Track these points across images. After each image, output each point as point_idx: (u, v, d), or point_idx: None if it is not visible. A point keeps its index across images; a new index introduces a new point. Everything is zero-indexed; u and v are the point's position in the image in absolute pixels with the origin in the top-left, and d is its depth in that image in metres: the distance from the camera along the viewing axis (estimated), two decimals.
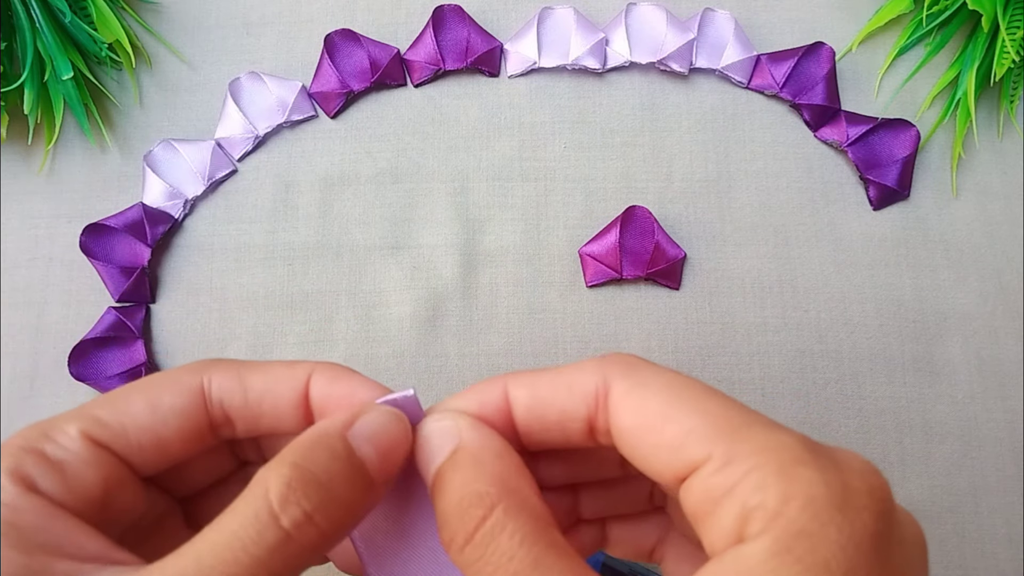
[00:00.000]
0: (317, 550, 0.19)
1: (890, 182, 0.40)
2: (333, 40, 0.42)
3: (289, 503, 0.18)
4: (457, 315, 0.40)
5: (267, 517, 0.18)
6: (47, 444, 0.20)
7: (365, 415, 0.21)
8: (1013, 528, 0.37)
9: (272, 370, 0.22)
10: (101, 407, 0.21)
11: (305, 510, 0.18)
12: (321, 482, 0.19)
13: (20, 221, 0.42)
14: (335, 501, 0.19)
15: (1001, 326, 0.40)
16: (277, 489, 0.18)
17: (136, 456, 0.21)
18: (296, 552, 0.18)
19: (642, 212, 0.40)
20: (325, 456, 0.19)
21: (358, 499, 0.19)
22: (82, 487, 0.20)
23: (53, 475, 0.20)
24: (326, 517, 0.18)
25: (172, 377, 0.22)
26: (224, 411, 0.22)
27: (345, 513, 0.19)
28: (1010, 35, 0.38)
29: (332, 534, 0.19)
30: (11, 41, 0.39)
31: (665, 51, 0.41)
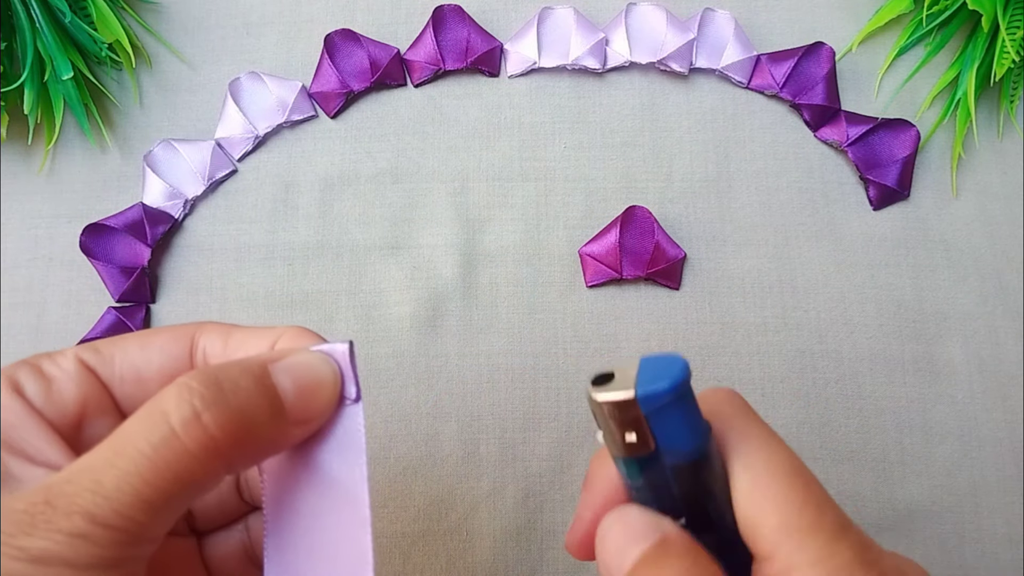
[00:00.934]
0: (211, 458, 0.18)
1: (890, 182, 0.40)
2: (333, 40, 0.42)
3: (183, 401, 0.18)
4: (457, 315, 0.40)
5: (159, 413, 0.18)
6: (45, 361, 0.22)
7: (294, 355, 0.21)
8: (1013, 528, 0.37)
9: (253, 330, 0.23)
10: (104, 341, 0.23)
11: (195, 408, 0.18)
12: (223, 389, 0.19)
13: (20, 221, 0.42)
14: (231, 411, 0.19)
15: (1001, 326, 0.40)
16: (176, 388, 0.19)
17: (117, 385, 0.22)
18: (184, 453, 0.18)
19: (642, 212, 0.40)
20: (237, 370, 0.20)
21: (262, 422, 0.19)
22: (62, 401, 0.21)
23: (40, 385, 0.21)
24: (216, 421, 0.18)
25: (170, 328, 0.23)
26: (205, 359, 0.23)
27: (243, 429, 0.19)
28: (1010, 35, 0.38)
29: (225, 445, 0.19)
30: (11, 41, 0.39)
31: (665, 51, 0.41)
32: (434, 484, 0.38)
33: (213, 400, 0.19)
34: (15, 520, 0.17)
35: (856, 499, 0.38)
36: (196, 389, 0.19)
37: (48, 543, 0.17)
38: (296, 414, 0.20)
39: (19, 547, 0.17)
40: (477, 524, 0.37)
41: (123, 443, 0.18)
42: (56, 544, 0.17)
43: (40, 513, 0.17)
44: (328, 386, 0.21)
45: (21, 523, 0.17)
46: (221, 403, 0.19)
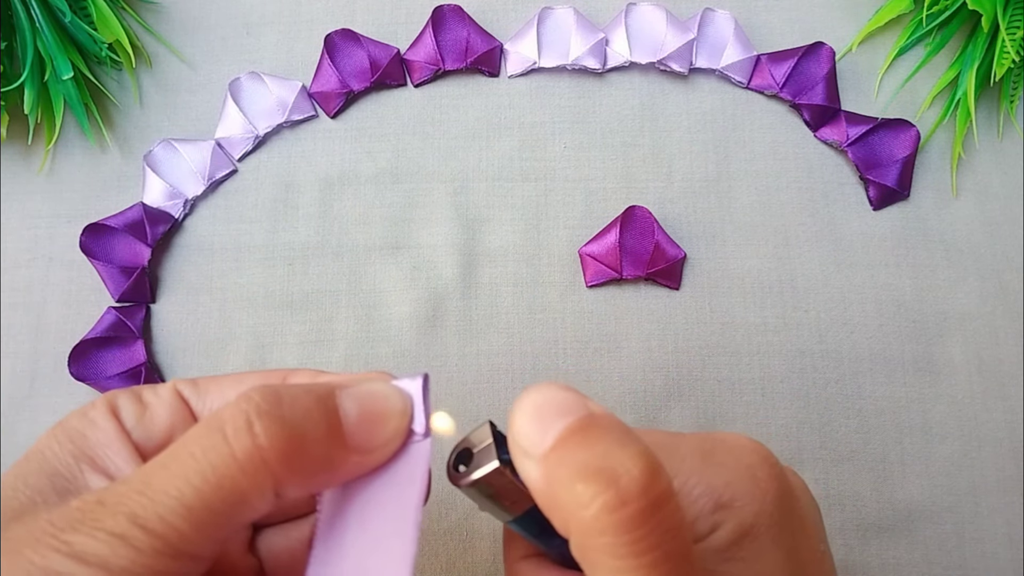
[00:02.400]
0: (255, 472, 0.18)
1: (890, 182, 0.40)
2: (333, 40, 0.42)
3: (239, 410, 0.18)
4: (457, 315, 0.40)
5: (215, 420, 0.18)
6: (146, 390, 0.22)
7: (366, 382, 0.20)
8: (1013, 528, 0.37)
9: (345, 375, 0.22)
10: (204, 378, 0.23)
11: (248, 417, 0.18)
12: (281, 403, 0.18)
13: (20, 221, 0.42)
14: (284, 424, 0.18)
15: (1001, 326, 0.40)
16: (236, 402, 0.18)
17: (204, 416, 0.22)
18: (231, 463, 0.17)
19: (642, 212, 0.40)
20: (301, 389, 0.19)
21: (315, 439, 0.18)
22: (152, 425, 0.22)
23: (136, 410, 0.22)
24: (266, 432, 0.18)
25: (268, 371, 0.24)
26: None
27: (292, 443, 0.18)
28: (1010, 35, 0.38)
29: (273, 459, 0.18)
30: (11, 41, 0.39)
31: (665, 51, 0.41)
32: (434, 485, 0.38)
33: (267, 411, 0.18)
34: (67, 515, 0.17)
35: (856, 499, 0.38)
36: (254, 400, 0.18)
37: (90, 540, 0.17)
38: (356, 441, 0.19)
39: (64, 541, 0.17)
40: (477, 524, 0.37)
41: (178, 447, 0.18)
42: (97, 542, 0.16)
43: (91, 511, 0.17)
44: (395, 418, 0.20)
45: (72, 519, 0.17)
46: (275, 415, 0.18)
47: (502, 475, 0.19)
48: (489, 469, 0.19)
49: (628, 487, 0.16)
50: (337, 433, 0.19)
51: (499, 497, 0.19)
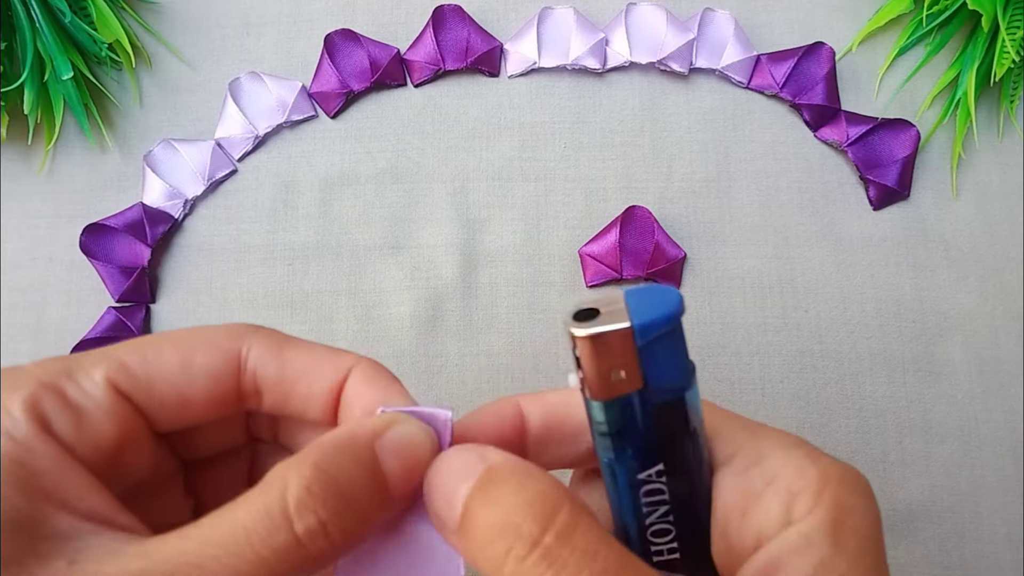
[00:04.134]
0: (325, 560, 0.18)
1: (890, 182, 0.40)
2: (333, 40, 0.42)
3: (306, 509, 0.17)
4: (457, 315, 0.40)
5: (280, 519, 0.17)
6: (69, 385, 0.19)
7: (398, 426, 0.19)
8: (1013, 528, 0.37)
9: (314, 352, 0.21)
10: (131, 354, 0.20)
11: (321, 519, 0.17)
12: (341, 491, 0.18)
13: (20, 221, 0.42)
14: (352, 513, 0.18)
15: (1001, 326, 0.40)
16: (296, 491, 0.17)
17: (157, 412, 0.20)
18: (303, 559, 0.17)
19: (642, 212, 0.40)
20: (350, 464, 0.18)
21: (373, 513, 0.18)
22: (97, 437, 0.19)
23: (70, 419, 0.19)
24: (340, 529, 0.17)
25: (210, 336, 0.21)
26: (256, 382, 0.21)
27: (359, 526, 0.18)
28: (1010, 35, 0.38)
29: (342, 546, 0.18)
30: (11, 41, 0.39)
31: (665, 51, 0.41)
32: None
33: (336, 509, 0.17)
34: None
35: None
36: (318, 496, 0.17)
37: None
38: (398, 495, 0.19)
39: None
40: None
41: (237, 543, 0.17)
42: None
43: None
44: (428, 461, 0.20)
45: None
46: (344, 511, 0.17)
47: (626, 340, 0.18)
48: (617, 328, 0.18)
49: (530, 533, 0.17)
50: (385, 495, 0.19)
51: (610, 364, 0.18)
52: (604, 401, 0.19)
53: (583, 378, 0.19)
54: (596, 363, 0.18)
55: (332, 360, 0.21)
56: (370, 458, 0.18)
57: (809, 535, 0.18)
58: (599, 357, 0.18)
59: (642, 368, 0.18)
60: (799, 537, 0.18)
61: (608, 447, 0.20)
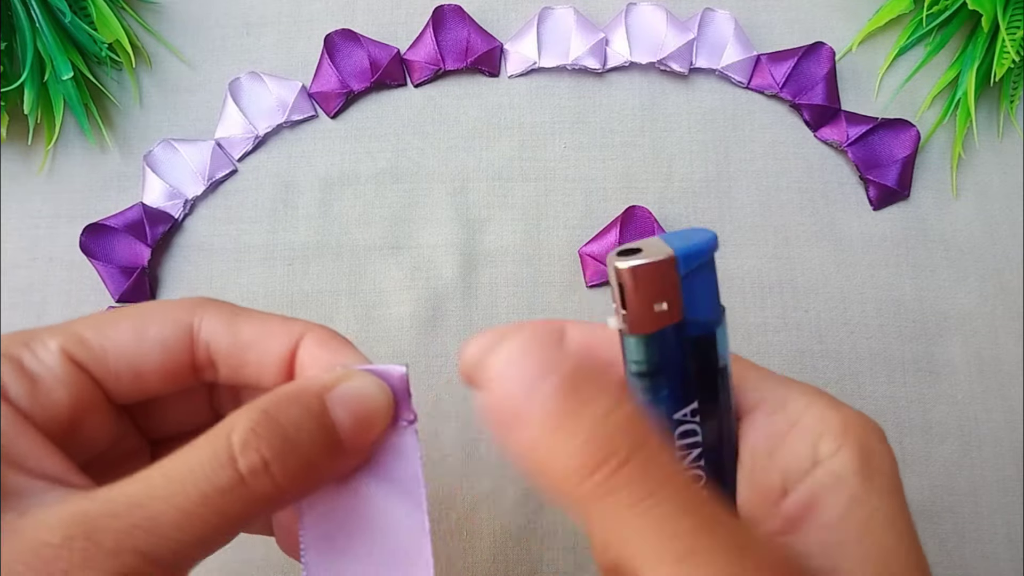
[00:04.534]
0: (271, 502, 0.18)
1: (890, 182, 0.40)
2: (333, 40, 0.42)
3: (249, 447, 0.18)
4: (457, 315, 0.40)
5: (225, 457, 0.17)
6: (25, 353, 0.20)
7: (349, 380, 0.20)
8: (1013, 528, 0.37)
9: (265, 322, 0.22)
10: (87, 327, 0.20)
11: (264, 457, 0.18)
12: (287, 434, 0.18)
13: (20, 221, 0.42)
14: (296, 456, 0.18)
15: (1001, 326, 0.40)
16: (241, 432, 0.18)
17: (112, 382, 0.21)
18: (248, 498, 0.18)
19: (642, 212, 0.40)
20: (296, 410, 0.19)
21: (321, 461, 0.19)
22: (52, 404, 0.19)
23: (25, 386, 0.19)
24: (283, 469, 0.18)
25: (163, 309, 0.21)
26: (209, 353, 0.21)
27: (305, 471, 0.18)
28: (1010, 35, 0.38)
29: (288, 488, 0.18)
30: (11, 41, 0.39)
31: (665, 51, 0.41)
32: (434, 484, 0.38)
33: (280, 450, 0.18)
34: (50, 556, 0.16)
35: None
36: (263, 436, 0.18)
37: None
38: (351, 447, 0.20)
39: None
40: (477, 524, 0.37)
41: (182, 482, 0.17)
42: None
43: (82, 549, 0.16)
44: (384, 417, 0.20)
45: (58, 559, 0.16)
46: (288, 453, 0.18)
47: (669, 269, 0.19)
48: (662, 256, 0.19)
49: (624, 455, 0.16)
50: (338, 447, 0.19)
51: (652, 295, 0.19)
52: (644, 336, 0.19)
53: (625, 314, 0.19)
54: (641, 294, 0.19)
55: (283, 328, 0.22)
56: (318, 407, 0.19)
57: (839, 473, 0.19)
58: (644, 288, 0.19)
59: (682, 299, 0.19)
60: (829, 475, 0.19)
61: (646, 387, 0.20)
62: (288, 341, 0.21)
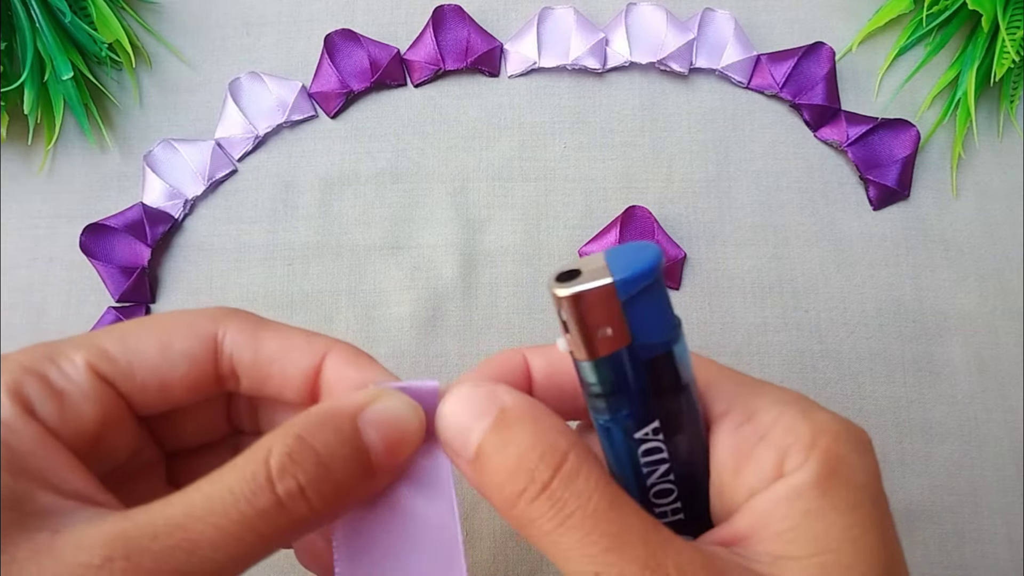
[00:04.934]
0: (306, 524, 0.19)
1: (890, 182, 0.40)
2: (333, 40, 0.42)
3: (286, 473, 0.18)
4: (457, 315, 0.40)
5: (264, 481, 0.18)
6: (51, 369, 0.20)
7: (380, 401, 0.20)
8: (1013, 528, 0.37)
9: (290, 336, 0.22)
10: (111, 340, 0.20)
11: (300, 483, 0.18)
12: (321, 460, 0.18)
13: (20, 221, 0.42)
14: (331, 481, 0.19)
15: (1001, 326, 0.40)
16: (278, 457, 0.18)
17: (138, 396, 0.21)
18: (285, 521, 0.18)
19: (642, 212, 0.40)
20: (330, 435, 0.19)
21: (355, 484, 0.19)
22: (79, 420, 0.19)
23: (52, 403, 0.19)
24: (318, 494, 0.18)
25: (187, 321, 0.21)
26: (232, 365, 0.22)
27: (339, 494, 0.19)
28: (1010, 35, 0.38)
29: (323, 511, 0.19)
30: (11, 41, 0.39)
31: (665, 51, 0.41)
32: None
33: (315, 476, 0.18)
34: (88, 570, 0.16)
35: None
36: (298, 462, 0.18)
37: None
38: (383, 468, 0.20)
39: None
40: (477, 524, 0.37)
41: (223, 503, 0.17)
42: None
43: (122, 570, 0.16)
44: (416, 437, 0.20)
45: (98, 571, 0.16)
46: (323, 478, 0.18)
47: (609, 296, 0.18)
48: (600, 284, 0.18)
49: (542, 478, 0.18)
50: (369, 471, 0.20)
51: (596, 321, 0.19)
52: (593, 361, 0.19)
53: (571, 339, 0.19)
54: (581, 322, 0.19)
55: (307, 343, 0.22)
56: (351, 430, 0.19)
57: (798, 486, 0.19)
58: (584, 315, 0.19)
59: (628, 323, 0.19)
60: (787, 488, 0.19)
61: (602, 408, 0.20)
62: (312, 357, 0.22)
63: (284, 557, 0.37)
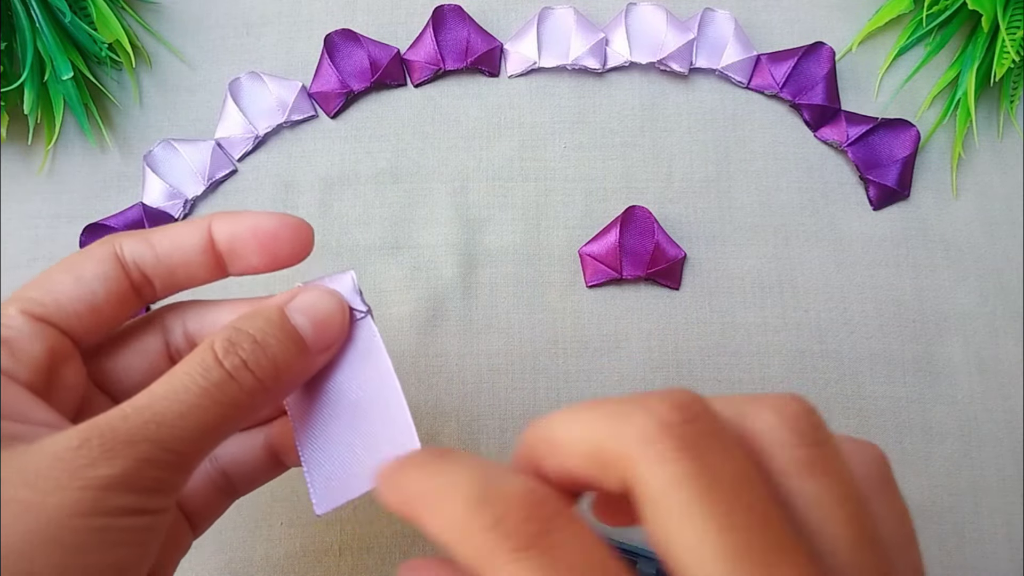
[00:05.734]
0: (257, 395, 0.21)
1: (890, 182, 0.40)
2: (333, 40, 0.42)
3: (229, 352, 0.21)
4: (457, 315, 0.40)
5: (212, 361, 0.21)
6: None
7: (302, 293, 0.24)
8: (1013, 528, 0.37)
9: (175, 227, 0.24)
10: (32, 288, 0.23)
11: (243, 358, 0.21)
12: (256, 339, 0.22)
13: (20, 221, 0.42)
14: (268, 356, 0.22)
15: (1001, 326, 0.40)
16: (220, 342, 0.21)
17: (75, 324, 0.23)
18: (237, 390, 0.21)
19: (642, 212, 0.40)
20: (260, 320, 0.22)
21: (291, 359, 0.22)
22: (29, 359, 0.21)
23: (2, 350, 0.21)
24: (259, 367, 0.21)
25: (86, 252, 0.24)
26: (141, 271, 0.24)
27: (277, 368, 0.22)
28: (1010, 35, 0.38)
29: (268, 383, 0.22)
30: (11, 41, 0.39)
31: (665, 51, 0.41)
32: None
33: (252, 351, 0.21)
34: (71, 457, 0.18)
35: None
36: (237, 343, 0.21)
37: (114, 469, 0.18)
38: (317, 346, 0.23)
39: (87, 477, 0.18)
40: None
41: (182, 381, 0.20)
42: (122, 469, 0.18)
43: (100, 446, 0.18)
44: (338, 314, 0.24)
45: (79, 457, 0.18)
46: (260, 353, 0.22)
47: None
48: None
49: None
50: (303, 348, 0.23)
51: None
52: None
53: None
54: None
55: (190, 226, 0.24)
56: (278, 315, 0.23)
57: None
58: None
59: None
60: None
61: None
62: (199, 233, 0.24)
63: (284, 559, 0.37)
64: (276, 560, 0.37)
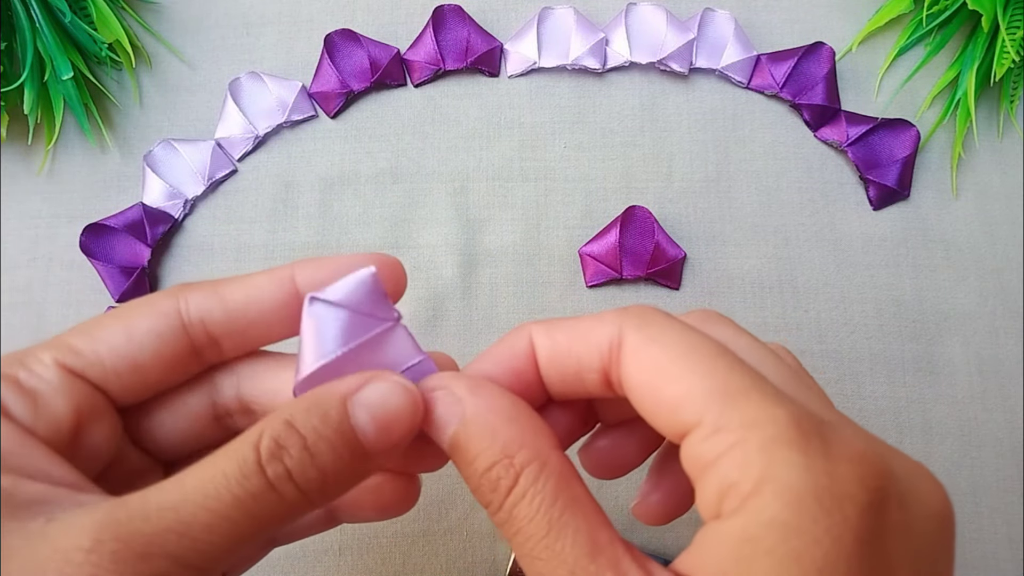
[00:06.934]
0: (300, 507, 0.19)
1: (890, 182, 0.40)
2: (333, 40, 0.42)
3: (274, 458, 0.18)
4: (457, 315, 0.40)
5: (254, 464, 0.18)
6: (20, 371, 0.20)
7: (373, 383, 0.20)
8: (1013, 528, 0.37)
9: (250, 278, 0.22)
10: (76, 336, 0.21)
11: (288, 467, 0.18)
12: (306, 445, 0.18)
13: (20, 221, 0.42)
14: (316, 466, 0.18)
15: (1001, 326, 0.40)
16: (267, 441, 0.18)
17: (113, 383, 0.21)
18: (277, 503, 0.18)
19: (642, 212, 0.40)
20: (317, 420, 0.19)
21: (344, 467, 0.19)
22: (53, 415, 0.20)
23: (24, 402, 0.19)
24: (304, 478, 0.18)
25: (148, 302, 0.21)
26: (206, 330, 0.21)
27: (326, 478, 0.19)
28: (1010, 35, 0.38)
29: (313, 495, 0.19)
30: (11, 41, 0.39)
31: (665, 51, 0.41)
32: (434, 484, 0.38)
33: (300, 460, 0.18)
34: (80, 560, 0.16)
35: None
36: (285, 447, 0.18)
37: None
38: (377, 449, 0.20)
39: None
40: (477, 524, 0.37)
41: (215, 485, 0.18)
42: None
43: (111, 552, 0.16)
44: (410, 418, 0.20)
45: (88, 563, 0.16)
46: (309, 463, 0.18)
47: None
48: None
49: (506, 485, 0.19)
50: (360, 454, 0.19)
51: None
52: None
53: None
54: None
55: (268, 276, 0.22)
56: (338, 414, 0.19)
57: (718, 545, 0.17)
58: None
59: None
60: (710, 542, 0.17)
61: None
62: (279, 284, 0.22)
63: (284, 559, 0.37)
64: (276, 560, 0.37)
